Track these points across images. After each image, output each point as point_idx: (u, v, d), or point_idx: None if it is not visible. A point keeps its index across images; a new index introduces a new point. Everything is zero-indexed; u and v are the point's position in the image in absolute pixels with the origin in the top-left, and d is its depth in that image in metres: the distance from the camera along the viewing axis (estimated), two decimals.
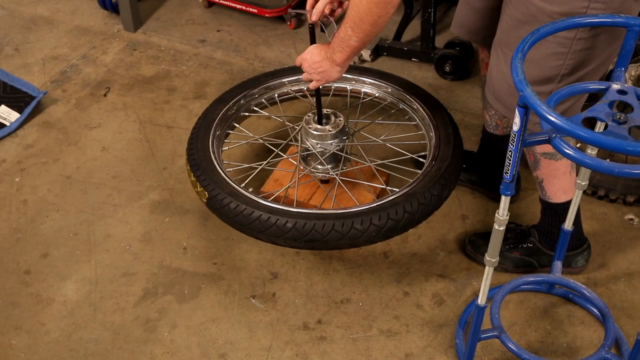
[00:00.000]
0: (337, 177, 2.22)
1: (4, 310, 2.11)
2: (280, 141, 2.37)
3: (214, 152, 2.17)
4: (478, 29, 2.09)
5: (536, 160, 1.98)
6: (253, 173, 2.25)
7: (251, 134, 2.42)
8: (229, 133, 2.35)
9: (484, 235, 2.19)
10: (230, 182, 2.06)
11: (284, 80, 2.47)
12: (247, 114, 2.42)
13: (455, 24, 2.16)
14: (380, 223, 1.94)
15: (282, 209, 1.96)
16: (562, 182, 2.00)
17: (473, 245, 2.23)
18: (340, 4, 2.07)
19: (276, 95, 2.47)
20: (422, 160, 2.19)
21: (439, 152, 2.13)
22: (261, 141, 2.46)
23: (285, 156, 2.36)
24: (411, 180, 2.08)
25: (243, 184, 2.09)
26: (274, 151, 2.33)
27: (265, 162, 2.30)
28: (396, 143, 2.39)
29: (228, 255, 2.26)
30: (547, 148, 1.91)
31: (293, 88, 2.47)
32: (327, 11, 2.04)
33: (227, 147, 2.32)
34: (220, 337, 2.04)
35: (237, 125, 2.37)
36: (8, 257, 2.26)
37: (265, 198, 2.04)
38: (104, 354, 2.00)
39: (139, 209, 2.42)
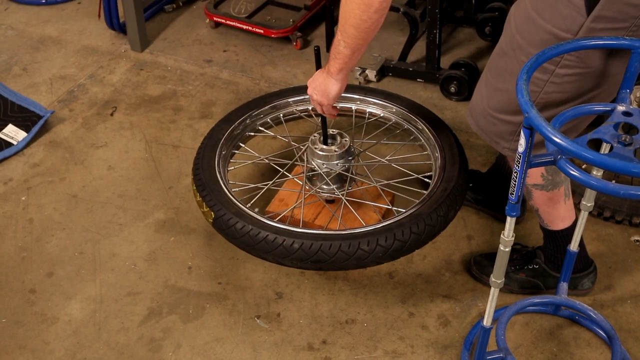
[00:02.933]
0: (342, 198, 2.22)
1: (9, 329, 2.11)
2: (286, 161, 2.37)
3: (219, 172, 2.18)
4: None
5: (528, 191, 1.98)
6: (259, 193, 2.26)
7: (257, 154, 2.43)
8: (235, 153, 2.36)
9: (490, 256, 2.18)
10: (237, 203, 2.07)
11: (289, 100, 2.48)
12: (252, 133, 2.43)
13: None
14: (387, 244, 1.94)
15: (288, 230, 1.96)
16: (557, 210, 2.00)
17: (479, 266, 2.22)
18: None
19: (281, 115, 2.47)
20: (427, 180, 2.19)
21: (444, 173, 2.14)
22: (267, 161, 2.46)
23: (290, 176, 2.36)
24: (417, 201, 2.08)
25: (249, 204, 2.09)
26: (279, 171, 2.34)
27: (271, 182, 2.31)
28: (401, 163, 2.39)
29: (233, 274, 2.26)
30: (536, 179, 1.92)
31: (298, 108, 2.48)
32: None
33: (232, 167, 2.33)
34: (224, 357, 2.03)
35: (243, 145, 2.38)
36: (13, 275, 2.26)
37: (272, 218, 2.04)
38: None
39: (145, 228, 2.42)
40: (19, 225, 2.43)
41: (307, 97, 2.45)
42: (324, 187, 2.26)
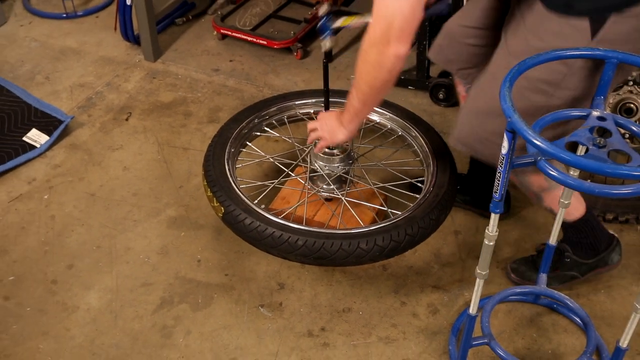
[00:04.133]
0: (342, 198, 2.22)
1: (33, 316, 2.11)
2: (290, 161, 2.38)
3: (229, 170, 2.18)
4: (454, 60, 2.08)
5: (538, 197, 1.95)
6: (265, 190, 2.27)
7: (262, 153, 2.43)
8: (241, 151, 2.36)
9: (524, 261, 2.18)
10: (245, 199, 2.07)
11: (295, 102, 2.49)
12: (258, 133, 2.43)
13: (434, 51, 2.14)
14: (384, 244, 1.95)
15: (293, 227, 1.97)
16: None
17: (517, 272, 2.17)
18: None
19: (285, 117, 2.49)
20: (419, 185, 2.19)
21: (436, 179, 2.14)
22: (272, 160, 2.46)
23: (294, 176, 2.36)
24: (411, 205, 2.08)
25: (256, 201, 2.09)
26: (283, 170, 2.34)
27: (277, 180, 2.31)
28: (396, 168, 2.39)
29: (239, 267, 2.26)
30: (542, 183, 1.90)
31: (301, 111, 2.49)
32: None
33: (240, 165, 2.34)
34: (231, 343, 2.03)
35: (249, 144, 2.39)
36: (37, 268, 2.26)
37: (276, 215, 2.04)
38: (124, 358, 1.99)
39: (157, 224, 2.42)
40: (42, 222, 2.43)
41: (309, 100, 2.47)
42: (325, 187, 2.27)
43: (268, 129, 2.44)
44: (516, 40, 1.70)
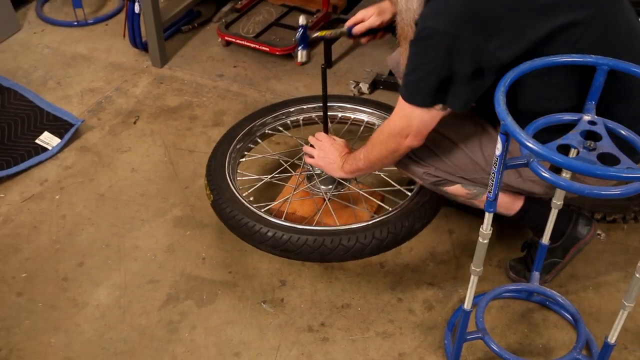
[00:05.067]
0: (325, 198, 2.22)
1: (45, 312, 2.09)
2: (289, 159, 2.41)
3: (229, 162, 2.23)
4: None
5: (471, 203, 1.96)
6: (257, 184, 2.33)
7: (270, 150, 2.48)
8: (251, 147, 2.42)
9: (521, 260, 2.16)
10: (233, 190, 2.13)
11: (291, 109, 2.49)
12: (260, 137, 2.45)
13: (392, 60, 2.17)
14: (349, 244, 1.94)
15: (268, 220, 2.01)
16: (503, 203, 1.95)
17: (514, 270, 2.16)
18: (381, 35, 2.09)
19: (289, 121, 2.50)
20: (407, 192, 2.16)
21: (422, 188, 2.10)
22: (274, 157, 2.46)
23: (294, 173, 2.37)
24: (389, 209, 2.06)
25: (245, 193, 2.14)
26: (285, 168, 2.38)
27: (269, 176, 2.35)
28: (387, 171, 2.37)
29: (242, 264, 2.24)
30: (462, 193, 1.92)
31: (302, 116, 2.48)
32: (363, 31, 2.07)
33: (243, 159, 2.38)
34: (234, 337, 2.02)
35: (253, 147, 2.42)
36: (48, 265, 2.24)
37: (259, 208, 2.09)
38: (132, 352, 1.98)
39: (164, 223, 2.40)
40: (53, 221, 2.41)
41: (314, 105, 2.46)
42: (321, 186, 2.25)
43: (271, 132, 2.46)
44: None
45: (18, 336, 2.02)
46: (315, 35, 2.06)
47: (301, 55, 2.05)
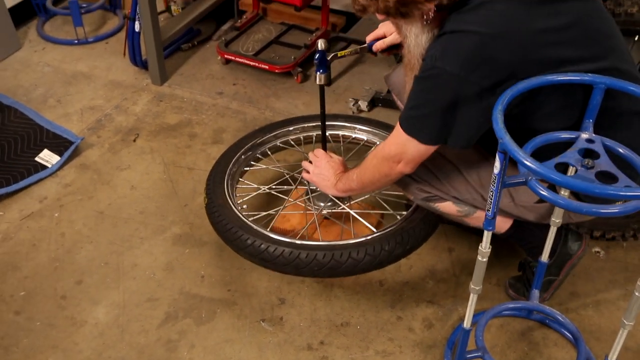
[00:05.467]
0: (314, 215, 2.23)
1: (43, 331, 2.08)
2: (288, 172, 2.46)
3: (230, 170, 2.31)
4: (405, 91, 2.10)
5: (462, 221, 1.97)
6: (252, 194, 2.39)
7: (277, 163, 2.51)
8: (260, 158, 2.51)
9: (519, 278, 2.15)
10: (227, 196, 2.19)
11: (290, 128, 2.53)
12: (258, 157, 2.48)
13: (391, 81, 2.20)
14: (324, 260, 1.95)
15: (251, 227, 2.05)
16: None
17: (514, 288, 2.16)
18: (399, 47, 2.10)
19: (290, 139, 2.54)
20: (398, 217, 2.14)
21: (414, 214, 2.09)
22: (276, 170, 2.46)
23: (294, 186, 2.40)
24: (374, 231, 2.06)
25: (240, 201, 2.18)
26: (284, 181, 2.44)
27: (267, 186, 2.40)
28: (384, 196, 2.37)
29: (241, 282, 2.23)
30: (453, 211, 1.92)
31: (304, 134, 2.54)
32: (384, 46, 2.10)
33: (248, 168, 2.45)
34: (233, 356, 2.01)
35: (255, 163, 2.45)
36: (47, 283, 2.24)
37: (248, 217, 2.13)
38: None
39: (163, 241, 2.40)
40: (52, 239, 2.41)
41: (314, 123, 2.49)
42: (316, 203, 2.26)
43: (270, 152, 2.50)
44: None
45: (16, 355, 2.01)
46: (334, 54, 2.09)
47: (319, 78, 2.07)
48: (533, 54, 1.52)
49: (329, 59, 2.05)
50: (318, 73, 2.06)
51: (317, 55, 2.03)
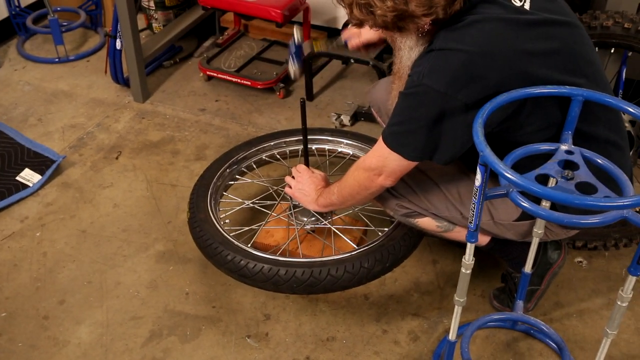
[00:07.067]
0: (296, 230, 2.24)
1: (25, 352, 2.05)
2: (272, 186, 2.44)
3: (214, 184, 2.31)
4: (384, 107, 2.11)
5: (441, 236, 1.98)
6: (235, 208, 2.40)
7: (262, 178, 2.43)
8: (245, 172, 2.51)
9: (503, 289, 2.16)
10: (209, 210, 2.20)
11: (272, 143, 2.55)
12: (240, 174, 2.48)
13: (372, 97, 2.21)
14: (303, 277, 1.95)
15: (227, 239, 2.08)
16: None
17: (498, 299, 2.16)
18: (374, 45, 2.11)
19: (276, 152, 2.55)
20: (380, 233, 2.14)
21: (393, 231, 2.09)
22: (259, 184, 2.46)
23: (278, 201, 2.40)
24: (355, 247, 2.06)
25: (222, 215, 2.17)
26: (268, 196, 2.44)
27: (251, 201, 2.40)
28: (366, 212, 2.37)
29: (225, 299, 2.22)
30: (432, 227, 1.94)
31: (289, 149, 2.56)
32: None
33: (232, 182, 2.46)
34: None
35: (239, 177, 2.44)
36: (29, 304, 2.21)
37: (229, 232, 2.15)
38: None
39: (146, 258, 2.38)
40: (34, 258, 2.38)
41: (296, 137, 2.49)
42: (299, 218, 2.27)
43: (255, 166, 2.51)
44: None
45: None
46: (310, 50, 2.06)
47: (293, 73, 2.06)
48: (520, 73, 1.54)
49: (304, 57, 2.02)
50: (291, 63, 2.05)
51: (293, 48, 2.01)
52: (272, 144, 2.52)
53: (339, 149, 2.55)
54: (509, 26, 1.55)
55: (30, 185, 2.69)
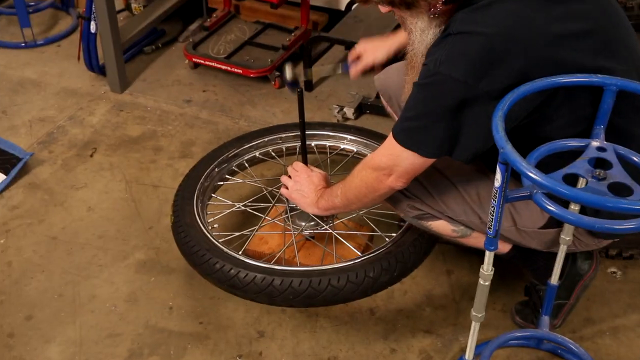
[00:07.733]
0: (292, 234, 2.25)
1: None
2: (266, 187, 2.46)
3: (201, 185, 2.32)
4: (396, 96, 2.13)
5: (457, 242, 1.99)
6: (225, 211, 2.42)
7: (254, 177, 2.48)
8: (237, 171, 2.51)
9: (527, 303, 2.16)
10: (196, 214, 2.21)
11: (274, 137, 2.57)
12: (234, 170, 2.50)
13: (381, 83, 2.24)
14: (300, 288, 1.95)
15: (213, 245, 2.09)
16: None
17: (521, 314, 2.16)
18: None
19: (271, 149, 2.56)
20: (387, 239, 2.15)
21: (402, 237, 2.10)
22: (251, 184, 2.47)
23: (272, 203, 2.40)
24: (359, 255, 2.07)
25: (211, 219, 2.23)
26: (261, 198, 2.46)
27: (242, 203, 2.42)
28: (372, 213, 2.38)
29: (214, 314, 2.23)
30: (447, 232, 1.95)
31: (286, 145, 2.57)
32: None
33: (222, 183, 2.47)
34: None
35: (230, 177, 2.48)
36: None
37: (217, 238, 2.16)
38: None
39: (125, 268, 2.39)
40: None
41: (294, 133, 2.50)
42: (296, 222, 2.28)
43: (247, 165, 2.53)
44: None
45: None
46: (308, 77, 2.14)
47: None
48: (547, 58, 1.54)
49: (299, 88, 2.10)
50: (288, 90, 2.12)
51: (288, 81, 2.09)
52: (266, 139, 2.53)
53: (342, 146, 2.55)
54: (535, 4, 1.56)
55: None
